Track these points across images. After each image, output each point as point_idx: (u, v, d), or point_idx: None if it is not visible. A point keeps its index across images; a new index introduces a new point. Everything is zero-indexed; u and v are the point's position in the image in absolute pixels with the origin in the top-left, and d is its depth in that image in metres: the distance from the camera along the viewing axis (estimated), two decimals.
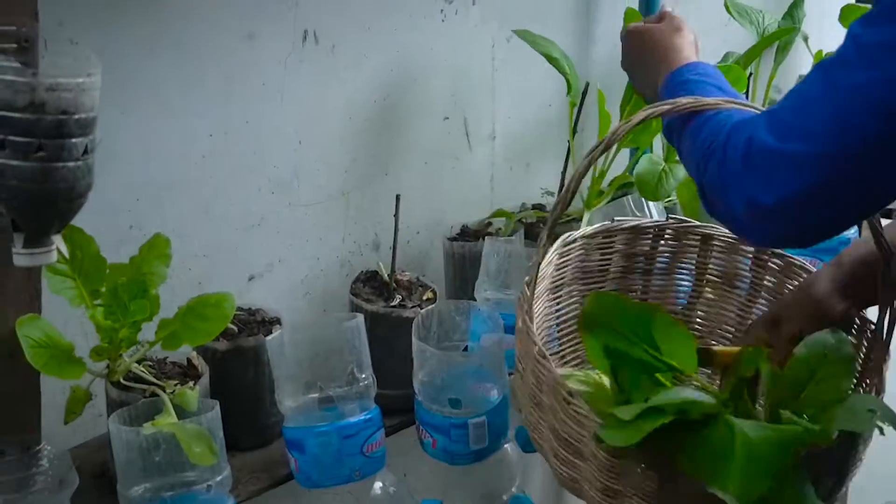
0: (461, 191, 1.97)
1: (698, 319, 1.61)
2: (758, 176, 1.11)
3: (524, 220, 1.87)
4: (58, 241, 1.19)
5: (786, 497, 1.12)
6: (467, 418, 1.51)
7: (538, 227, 1.84)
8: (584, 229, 1.53)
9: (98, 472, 1.45)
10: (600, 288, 1.54)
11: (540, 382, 1.26)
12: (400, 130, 1.84)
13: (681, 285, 1.60)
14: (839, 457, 1.24)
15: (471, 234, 1.85)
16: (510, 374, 1.59)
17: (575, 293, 1.53)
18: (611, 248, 1.55)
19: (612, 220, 1.55)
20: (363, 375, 1.45)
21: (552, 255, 1.45)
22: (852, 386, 1.33)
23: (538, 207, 1.93)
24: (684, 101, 1.26)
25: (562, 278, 1.51)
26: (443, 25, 1.85)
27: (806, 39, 2.32)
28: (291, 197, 1.72)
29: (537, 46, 1.82)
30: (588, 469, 1.22)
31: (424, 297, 1.66)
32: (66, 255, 1.30)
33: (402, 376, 1.56)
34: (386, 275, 1.67)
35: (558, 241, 1.47)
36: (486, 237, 1.73)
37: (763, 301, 1.55)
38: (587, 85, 1.91)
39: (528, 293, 1.31)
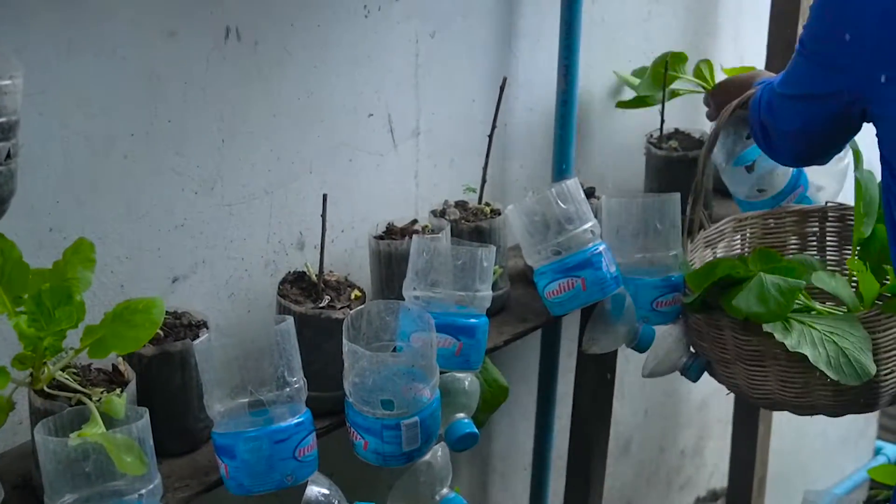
0: (386, 188, 1.95)
1: None
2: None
3: (449, 218, 1.86)
4: None
5: None
6: (400, 419, 1.50)
7: (462, 224, 1.84)
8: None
9: (21, 483, 1.42)
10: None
11: None
12: (324, 128, 1.82)
13: None
14: None
15: (397, 232, 1.83)
16: (442, 373, 1.59)
17: None
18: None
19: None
20: (294, 379, 1.43)
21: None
22: None
23: (460, 204, 1.92)
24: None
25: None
26: (366, 21, 1.83)
27: None
28: (215, 196, 1.69)
29: None
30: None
31: (353, 297, 1.64)
32: None
33: (332, 378, 1.55)
34: (314, 275, 1.65)
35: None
36: (412, 235, 1.72)
37: None
38: (504, 79, 1.91)
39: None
